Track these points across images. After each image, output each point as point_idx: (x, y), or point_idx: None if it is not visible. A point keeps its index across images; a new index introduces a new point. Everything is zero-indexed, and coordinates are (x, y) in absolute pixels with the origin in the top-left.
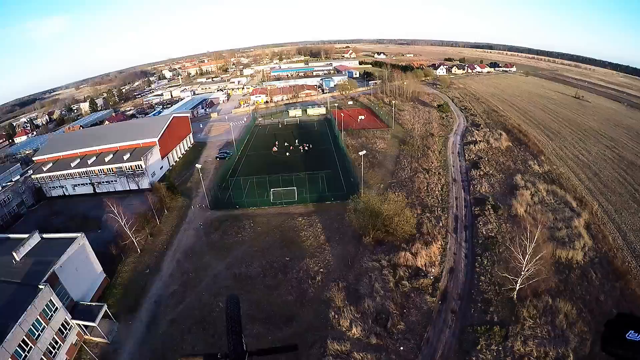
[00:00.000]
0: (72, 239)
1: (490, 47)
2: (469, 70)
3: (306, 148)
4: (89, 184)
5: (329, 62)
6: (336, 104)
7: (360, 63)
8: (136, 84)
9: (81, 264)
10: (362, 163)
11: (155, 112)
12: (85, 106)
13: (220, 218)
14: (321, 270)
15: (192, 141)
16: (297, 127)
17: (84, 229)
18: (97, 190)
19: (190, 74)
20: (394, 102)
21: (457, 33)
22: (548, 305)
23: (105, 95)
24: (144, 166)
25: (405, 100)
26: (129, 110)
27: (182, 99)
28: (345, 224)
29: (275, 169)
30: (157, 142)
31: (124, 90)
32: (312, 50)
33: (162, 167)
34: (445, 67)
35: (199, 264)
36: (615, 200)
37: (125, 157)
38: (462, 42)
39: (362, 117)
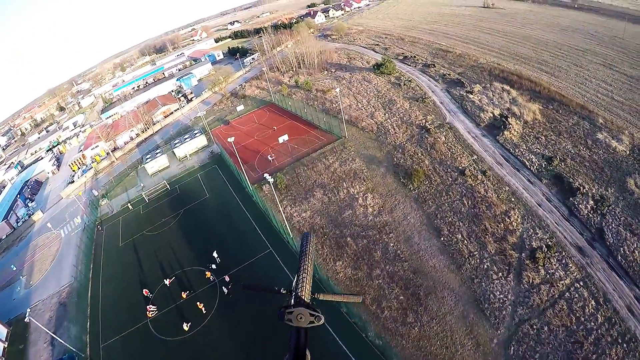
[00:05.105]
0: None
1: None
2: (347, 9)
3: (224, 290)
4: None
5: (179, 53)
6: (219, 117)
7: (217, 41)
8: None
9: None
10: None
11: None
12: None
13: None
14: None
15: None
16: (170, 204)
17: None
18: None
19: (24, 131)
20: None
21: None
22: None
23: None
24: None
25: (315, 71)
26: None
27: (4, 186)
28: None
29: None
30: None
31: None
32: (157, 46)
33: None
34: (322, 12)
35: None
36: None
37: None
38: None
39: (285, 138)
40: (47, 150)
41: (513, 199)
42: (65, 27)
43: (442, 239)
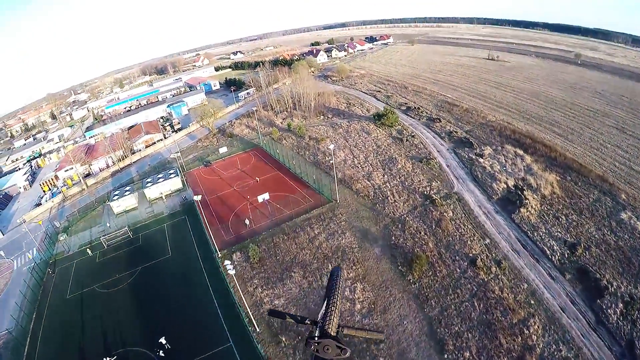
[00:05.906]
0: None
1: (343, 24)
2: (350, 50)
3: None
4: None
5: (177, 77)
6: (201, 155)
7: (217, 69)
8: None
9: None
10: None
11: None
12: None
13: None
14: None
15: None
16: (129, 256)
17: None
18: None
19: (12, 134)
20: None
21: (307, 18)
22: None
23: None
24: None
25: (310, 115)
26: None
27: None
28: None
29: None
30: None
31: None
32: (158, 67)
33: None
34: (325, 52)
35: None
36: None
37: None
38: (314, 27)
39: (266, 197)
40: (27, 161)
41: (532, 302)
42: (76, 34)
43: (445, 356)
